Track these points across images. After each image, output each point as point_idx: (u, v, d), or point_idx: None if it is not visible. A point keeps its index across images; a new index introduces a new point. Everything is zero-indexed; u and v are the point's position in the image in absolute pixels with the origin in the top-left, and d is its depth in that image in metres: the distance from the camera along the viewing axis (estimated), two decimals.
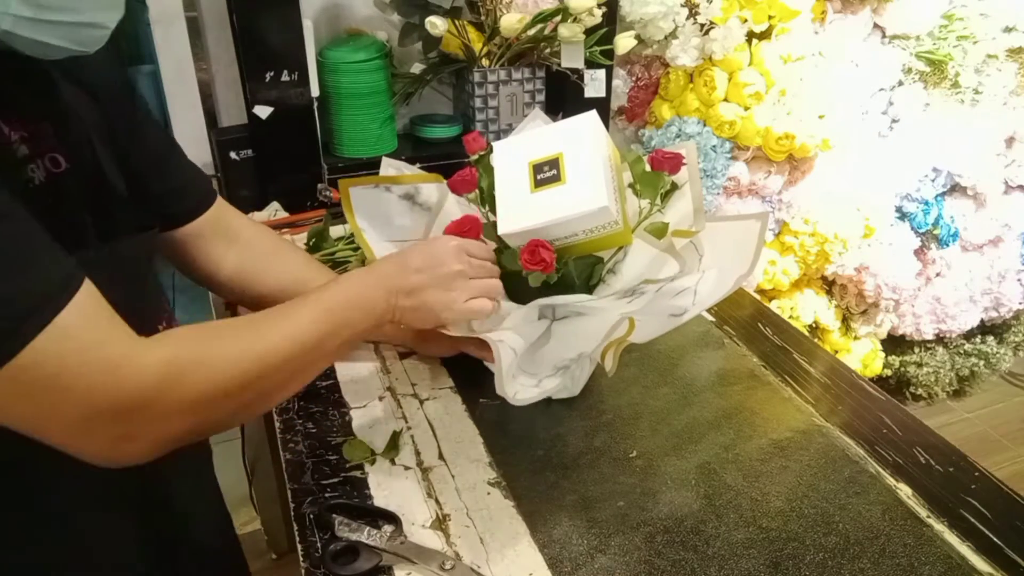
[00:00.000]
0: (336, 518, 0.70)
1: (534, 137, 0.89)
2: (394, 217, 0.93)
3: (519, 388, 0.85)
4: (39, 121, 0.57)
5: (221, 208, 0.82)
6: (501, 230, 0.81)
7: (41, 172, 0.56)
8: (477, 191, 0.87)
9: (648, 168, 0.84)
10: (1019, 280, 2.25)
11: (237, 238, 0.84)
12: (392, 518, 0.71)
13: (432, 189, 0.94)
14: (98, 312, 0.49)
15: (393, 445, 0.81)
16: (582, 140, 0.84)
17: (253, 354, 0.56)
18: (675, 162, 0.83)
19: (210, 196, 0.81)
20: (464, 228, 0.82)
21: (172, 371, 0.51)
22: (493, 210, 0.85)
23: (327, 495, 0.74)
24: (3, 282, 0.44)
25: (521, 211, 0.82)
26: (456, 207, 0.87)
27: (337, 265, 1.13)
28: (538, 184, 0.82)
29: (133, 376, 0.49)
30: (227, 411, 0.56)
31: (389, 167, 0.96)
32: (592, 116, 0.87)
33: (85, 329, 0.47)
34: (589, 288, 0.85)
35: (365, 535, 0.68)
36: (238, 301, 0.90)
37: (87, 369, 0.47)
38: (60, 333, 0.46)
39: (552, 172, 0.82)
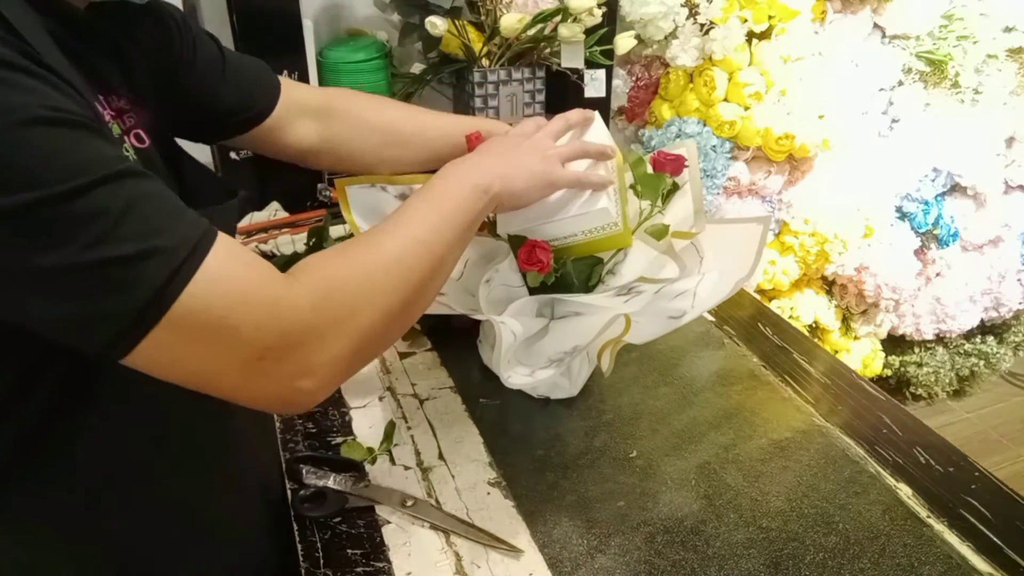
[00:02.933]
0: (304, 467, 0.76)
1: None
2: None
3: (512, 374, 0.85)
4: (120, 96, 0.56)
5: (289, 90, 0.83)
6: (500, 229, 0.81)
7: (131, 152, 0.55)
8: None
9: (650, 169, 0.84)
10: (1019, 280, 2.25)
11: (314, 112, 0.85)
12: (355, 466, 0.78)
13: None
14: (242, 253, 0.49)
15: (388, 436, 0.81)
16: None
17: (390, 256, 0.56)
18: (677, 163, 0.83)
19: (276, 87, 0.81)
20: None
21: (321, 295, 0.50)
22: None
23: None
24: (155, 231, 0.43)
25: (520, 211, 0.82)
26: None
27: None
28: None
29: (291, 308, 0.48)
30: (382, 322, 0.54)
31: None
32: (594, 116, 0.87)
33: (236, 269, 0.47)
34: (588, 289, 0.85)
35: (331, 481, 0.74)
36: (336, 169, 0.93)
37: (250, 307, 0.46)
38: (215, 275, 0.45)
39: None
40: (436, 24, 1.33)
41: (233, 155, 1.36)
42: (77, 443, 0.54)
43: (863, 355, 2.15)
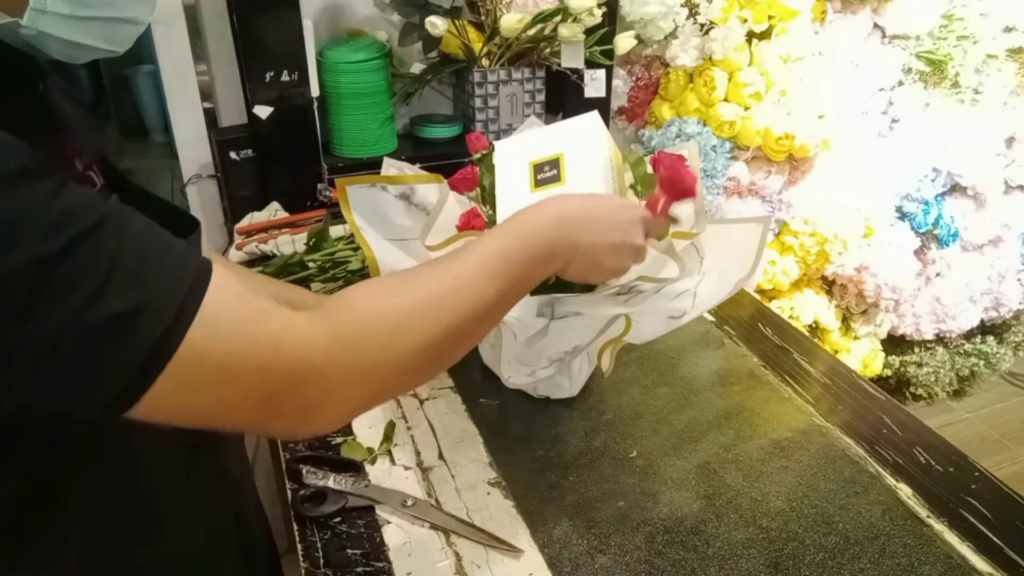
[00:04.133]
0: (303, 467, 0.76)
1: (536, 137, 0.89)
2: (392, 216, 0.93)
3: (513, 374, 0.85)
4: (66, 138, 0.55)
5: None
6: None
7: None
8: (478, 189, 0.87)
9: (650, 169, 0.84)
10: (1019, 280, 2.25)
11: None
12: (355, 466, 0.78)
13: (430, 190, 0.93)
14: (240, 290, 0.45)
15: (387, 436, 0.81)
16: (583, 141, 0.84)
17: (427, 313, 0.51)
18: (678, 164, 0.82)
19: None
20: (471, 220, 0.82)
21: (338, 340, 0.47)
22: (494, 208, 0.85)
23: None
24: (146, 280, 0.41)
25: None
26: (456, 206, 0.86)
27: (337, 265, 1.13)
28: (538, 184, 0.82)
29: (298, 347, 0.46)
30: (404, 375, 0.52)
31: (391, 167, 0.96)
32: (594, 117, 0.87)
33: (235, 309, 0.44)
34: (588, 289, 0.85)
35: (331, 481, 0.75)
36: None
37: (253, 349, 0.44)
38: (212, 319, 0.43)
39: (552, 172, 0.82)
40: (436, 24, 1.33)
41: (233, 155, 1.36)
42: (61, 515, 0.52)
43: (863, 355, 2.15)
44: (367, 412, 0.85)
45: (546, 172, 0.83)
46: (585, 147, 0.83)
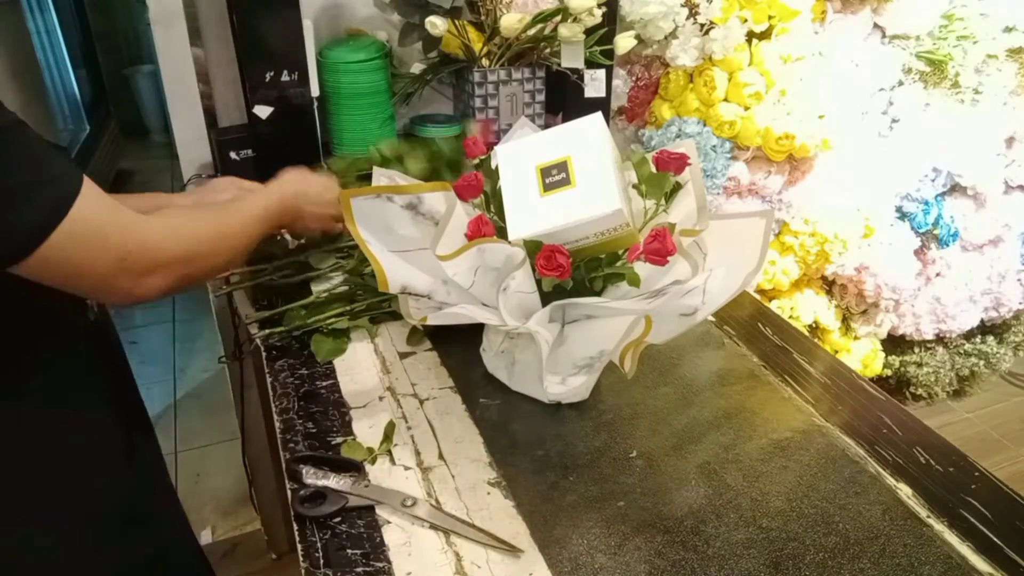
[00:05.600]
0: (303, 467, 0.76)
1: (538, 140, 0.88)
2: (397, 227, 0.90)
3: (549, 384, 0.85)
4: None
5: None
6: (512, 235, 0.81)
7: None
8: (482, 196, 0.86)
9: (653, 169, 0.84)
10: (1019, 280, 2.25)
11: None
12: (355, 466, 0.78)
13: (437, 198, 0.91)
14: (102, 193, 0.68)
15: (388, 436, 0.81)
16: (589, 142, 0.84)
17: (213, 234, 0.80)
18: (680, 162, 0.82)
19: None
20: (480, 228, 0.81)
21: (169, 232, 0.73)
22: (499, 214, 0.84)
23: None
24: (48, 163, 0.62)
25: (532, 216, 0.81)
26: (464, 215, 0.85)
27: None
28: (547, 188, 0.82)
29: (148, 230, 0.70)
30: (196, 267, 0.77)
31: (381, 177, 0.94)
32: (597, 118, 0.86)
33: (103, 197, 0.67)
34: (594, 293, 0.85)
35: (331, 481, 0.75)
36: None
37: (119, 218, 0.67)
38: (93, 195, 0.65)
39: (561, 175, 0.82)
40: (436, 24, 1.33)
41: (233, 155, 1.36)
42: None
43: (863, 355, 2.15)
44: (366, 411, 0.86)
45: (554, 176, 0.82)
46: (592, 149, 0.83)
